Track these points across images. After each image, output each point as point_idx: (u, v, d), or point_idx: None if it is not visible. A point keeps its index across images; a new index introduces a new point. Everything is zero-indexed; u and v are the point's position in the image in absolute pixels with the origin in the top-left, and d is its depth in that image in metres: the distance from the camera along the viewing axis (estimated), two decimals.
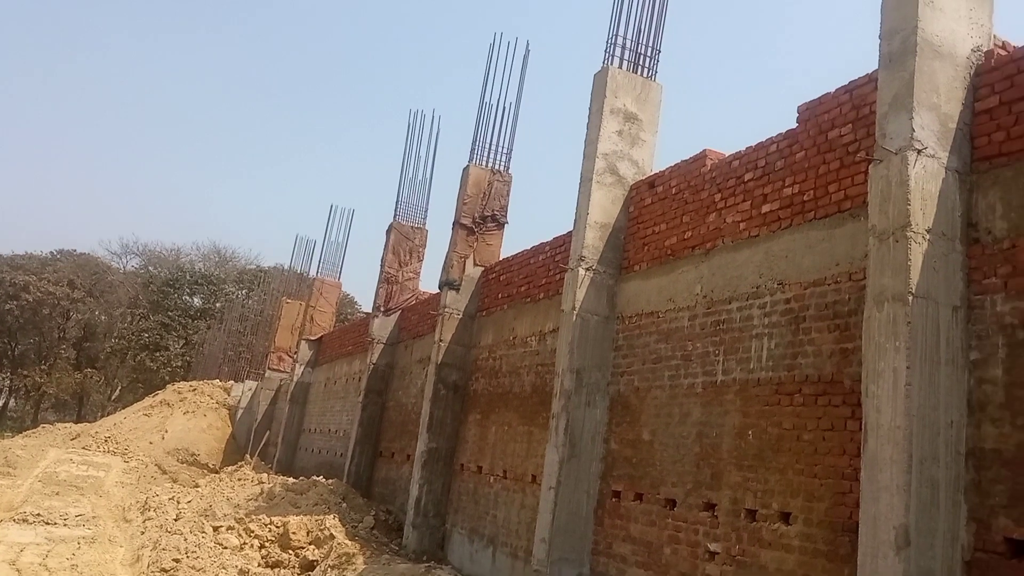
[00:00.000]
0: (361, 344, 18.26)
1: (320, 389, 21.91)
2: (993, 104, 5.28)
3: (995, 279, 5.00)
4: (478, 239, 13.05)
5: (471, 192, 13.06)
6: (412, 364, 15.20)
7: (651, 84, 9.77)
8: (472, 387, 12.40)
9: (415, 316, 15.64)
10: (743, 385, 6.84)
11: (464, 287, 12.87)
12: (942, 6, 5.44)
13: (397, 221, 16.50)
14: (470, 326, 12.79)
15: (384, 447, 15.71)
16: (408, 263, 16.34)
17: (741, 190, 7.47)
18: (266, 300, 33.32)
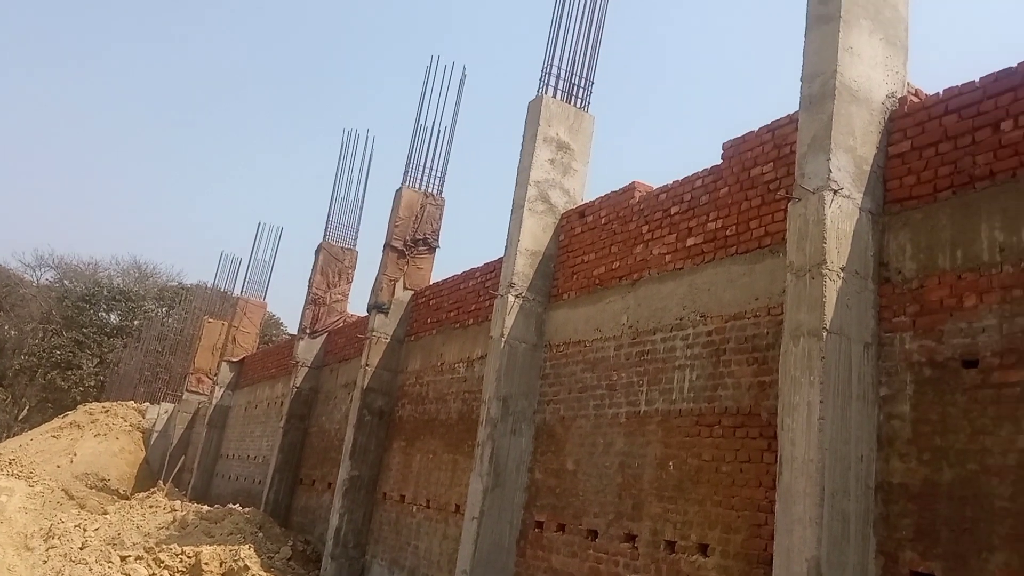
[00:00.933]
0: (285, 367, 17.82)
1: (240, 413, 21.27)
2: (905, 149, 5.51)
3: (904, 317, 5.18)
4: (409, 262, 12.94)
5: (403, 215, 12.96)
6: (337, 388, 14.90)
7: (584, 115, 9.90)
8: (398, 413, 12.22)
9: (342, 339, 15.36)
10: (665, 416, 6.90)
11: (393, 311, 12.71)
12: (860, 52, 5.67)
13: (327, 241, 16.25)
14: (398, 351, 12.63)
15: (305, 474, 15.31)
16: (337, 285, 16.07)
17: (667, 223, 7.60)
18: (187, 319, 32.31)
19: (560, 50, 9.87)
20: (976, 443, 4.63)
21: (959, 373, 4.81)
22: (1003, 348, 4.63)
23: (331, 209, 16.40)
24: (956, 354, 4.85)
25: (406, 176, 13.23)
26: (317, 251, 16.33)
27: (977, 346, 4.76)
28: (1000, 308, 4.70)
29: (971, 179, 5.04)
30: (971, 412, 4.69)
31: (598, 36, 10.03)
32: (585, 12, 10.00)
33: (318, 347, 16.00)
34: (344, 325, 15.76)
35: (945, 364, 4.90)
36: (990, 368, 4.67)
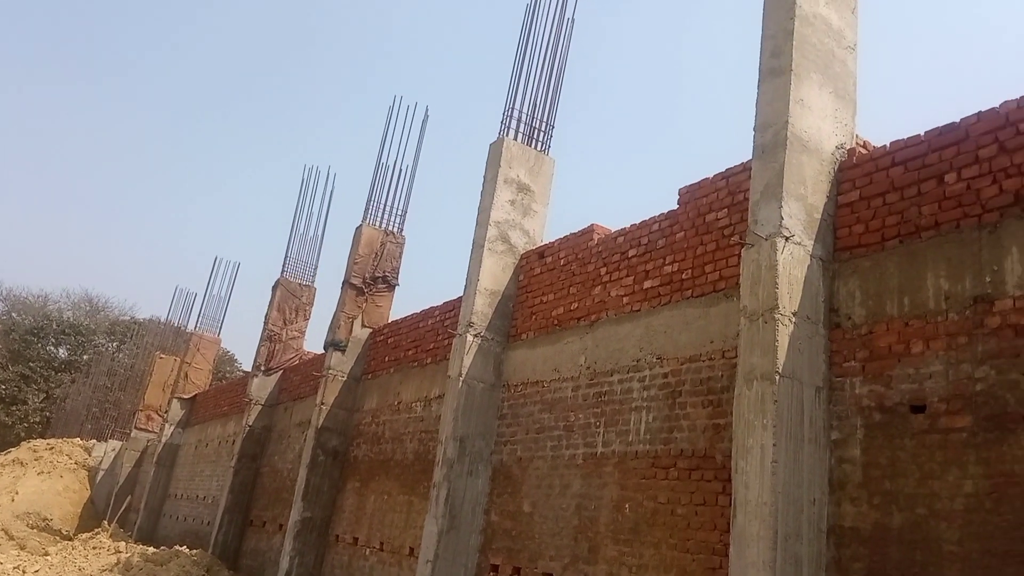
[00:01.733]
0: (238, 405, 17.47)
1: (190, 452, 20.74)
2: (854, 198, 5.67)
3: (854, 363, 5.28)
4: (368, 300, 12.86)
5: (363, 252, 12.91)
6: (291, 427, 14.63)
7: (544, 157, 10.02)
8: (353, 453, 12.02)
9: (297, 377, 15.13)
10: (622, 458, 6.90)
11: (351, 349, 12.59)
12: (811, 104, 5.85)
13: (284, 277, 16.09)
14: (354, 389, 12.47)
15: (255, 515, 14.93)
16: (293, 321, 15.88)
17: (625, 265, 7.68)
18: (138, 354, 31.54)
19: (522, 94, 10.03)
20: (925, 487, 4.71)
21: (907, 418, 4.91)
22: (949, 394, 4.74)
23: (290, 245, 16.28)
24: (904, 399, 4.95)
25: (366, 213, 13.22)
26: (274, 287, 16.15)
27: (924, 392, 4.87)
28: (946, 355, 4.82)
29: (917, 229, 5.20)
30: (919, 457, 4.78)
31: (559, 81, 10.21)
32: (547, 57, 10.20)
33: (272, 385, 15.73)
34: (300, 362, 15.54)
35: (894, 409, 4.99)
36: (937, 413, 4.77)
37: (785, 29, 5.91)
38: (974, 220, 4.91)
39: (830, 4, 6.21)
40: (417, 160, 13.44)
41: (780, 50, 5.90)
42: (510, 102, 10.00)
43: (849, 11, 6.37)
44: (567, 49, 10.32)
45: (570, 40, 10.34)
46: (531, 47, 10.18)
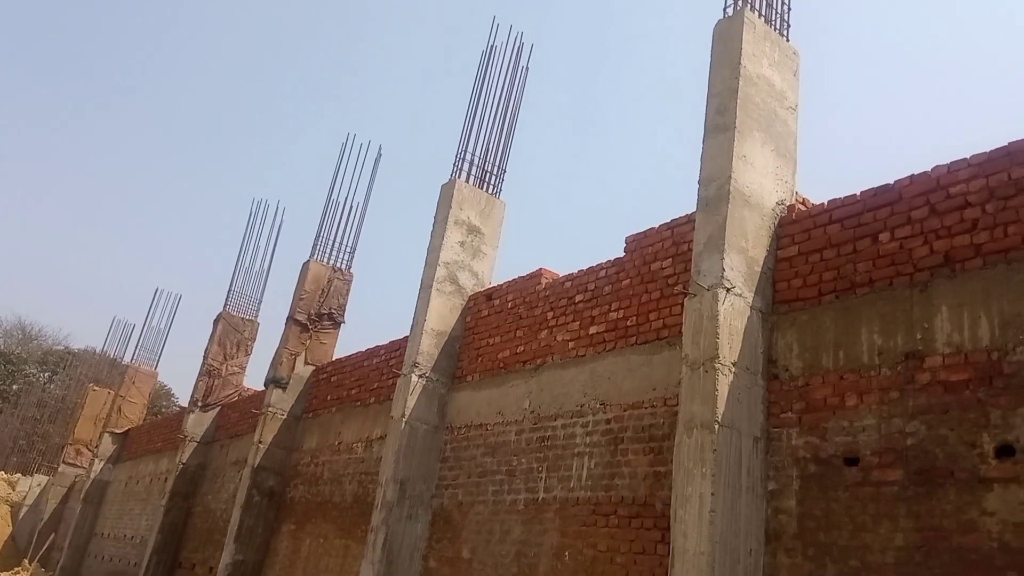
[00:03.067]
0: (172, 441, 16.93)
1: (120, 488, 19.98)
2: (793, 253, 5.83)
3: (791, 414, 5.38)
4: (312, 337, 12.67)
5: (309, 288, 12.76)
6: (226, 466, 14.22)
7: (495, 200, 10.10)
8: (289, 494, 11.72)
9: (235, 414, 14.76)
10: (563, 504, 6.87)
11: (292, 386, 12.35)
12: (753, 161, 6.03)
13: (227, 311, 15.77)
14: (294, 428, 12.21)
15: (185, 557, 14.39)
16: (234, 356, 15.54)
17: (572, 310, 7.74)
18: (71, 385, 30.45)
19: (475, 137, 10.13)
20: (857, 540, 4.79)
21: (841, 470, 5.01)
22: (882, 448, 4.85)
23: (234, 278, 15.99)
24: (839, 452, 5.05)
25: (315, 249, 13.10)
26: (216, 320, 15.81)
27: (858, 445, 4.97)
28: (879, 409, 4.95)
29: (852, 285, 5.36)
30: (853, 509, 4.87)
31: (512, 127, 10.35)
32: (500, 103, 10.34)
33: (209, 421, 15.31)
34: (239, 399, 15.17)
35: (829, 461, 5.09)
36: (870, 467, 4.87)
37: (730, 88, 6.11)
38: (906, 279, 5.09)
39: (773, 66, 6.45)
40: (368, 198, 13.42)
41: (725, 108, 6.09)
42: (463, 145, 10.09)
43: (791, 74, 6.63)
44: (521, 96, 10.49)
45: (524, 88, 10.52)
46: (485, 92, 10.33)
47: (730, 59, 6.25)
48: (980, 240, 4.81)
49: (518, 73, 10.49)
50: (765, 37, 6.49)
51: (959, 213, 4.96)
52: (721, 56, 6.35)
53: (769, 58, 6.45)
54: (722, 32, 6.46)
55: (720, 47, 6.41)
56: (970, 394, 4.56)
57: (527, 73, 10.55)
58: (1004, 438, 4.35)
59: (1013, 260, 4.63)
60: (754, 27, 6.41)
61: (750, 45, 6.29)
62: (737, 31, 6.30)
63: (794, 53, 6.75)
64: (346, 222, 13.25)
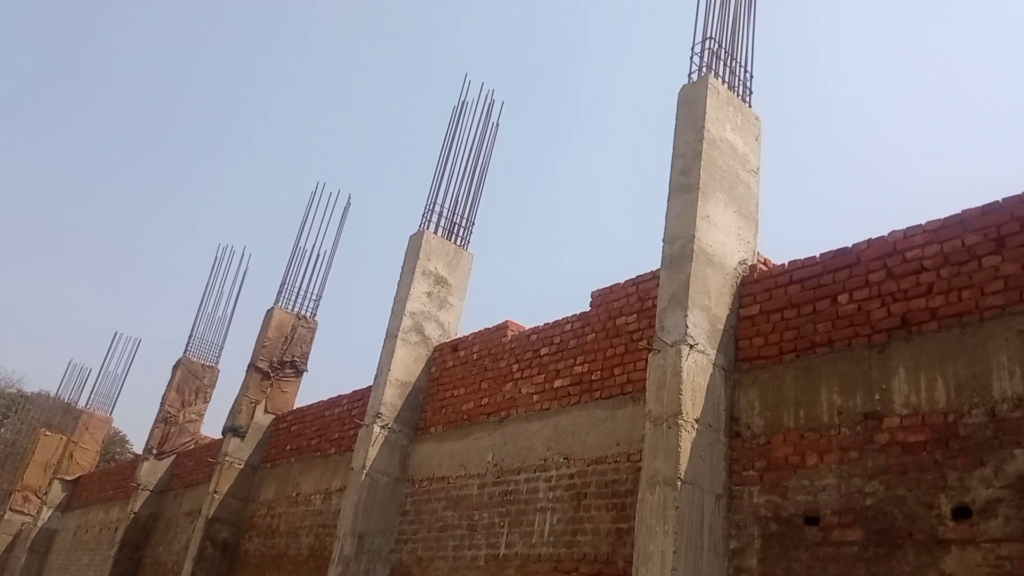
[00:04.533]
0: (124, 489, 16.42)
1: (68, 538, 19.25)
2: (755, 312, 5.93)
3: (752, 472, 5.41)
4: (273, 385, 12.48)
5: (272, 335, 12.61)
6: (180, 516, 13.81)
7: (463, 252, 10.15)
8: (244, 547, 11.40)
9: (191, 462, 14.40)
10: (524, 560, 6.78)
11: (251, 435, 12.10)
12: (716, 221, 6.17)
13: (187, 357, 15.48)
14: (251, 478, 11.94)
15: None
16: (193, 403, 15.22)
17: (537, 363, 7.75)
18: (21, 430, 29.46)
19: (444, 189, 10.22)
20: None
21: (802, 529, 5.02)
22: (841, 507, 4.89)
23: (196, 324, 15.73)
24: (799, 511, 5.08)
25: (279, 296, 12.98)
26: (175, 366, 15.51)
27: (818, 504, 5.01)
28: (839, 468, 5.00)
29: (812, 345, 5.46)
30: (813, 569, 4.87)
31: (482, 180, 10.47)
32: (470, 157, 10.47)
33: (164, 470, 14.90)
34: (196, 447, 14.81)
35: (790, 520, 5.10)
36: (830, 526, 4.90)
37: (694, 150, 6.28)
38: (865, 340, 5.20)
39: (736, 130, 6.65)
40: (336, 246, 13.39)
41: (689, 169, 6.25)
42: (432, 196, 10.18)
43: (753, 138, 6.83)
44: (491, 151, 10.64)
45: (494, 143, 10.68)
46: (456, 146, 10.46)
47: (694, 122, 6.43)
48: (935, 304, 4.94)
49: (488, 128, 10.67)
50: (728, 102, 6.70)
51: (915, 277, 5.11)
52: (686, 119, 6.54)
53: (732, 122, 6.65)
54: (687, 96, 6.66)
55: (685, 111, 6.59)
56: (927, 455, 4.63)
57: (497, 129, 10.73)
58: (961, 500, 4.42)
59: (967, 324, 4.75)
60: (718, 92, 6.61)
61: (714, 110, 6.48)
62: (701, 96, 6.50)
63: (756, 118, 6.97)
64: (313, 270, 13.18)
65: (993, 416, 4.44)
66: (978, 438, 4.46)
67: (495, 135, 10.69)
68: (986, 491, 4.33)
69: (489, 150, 10.61)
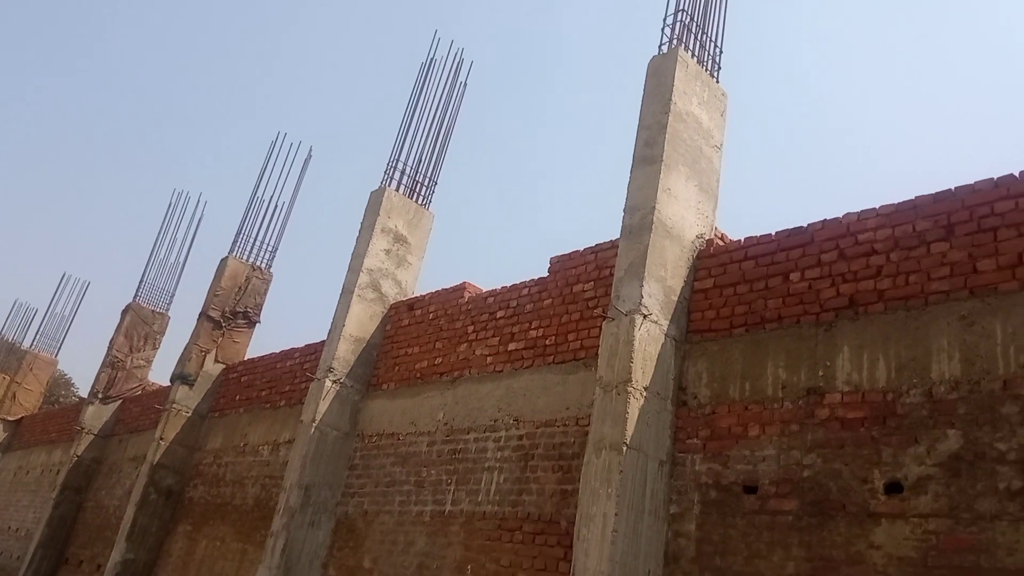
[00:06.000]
0: (68, 432, 16.17)
1: (8, 478, 18.94)
2: (708, 285, 6.03)
3: (696, 440, 5.54)
4: (225, 335, 12.35)
5: (225, 285, 12.44)
6: (124, 461, 13.68)
7: (424, 211, 10.09)
8: (188, 494, 11.36)
9: (137, 408, 14.23)
10: (469, 517, 6.88)
11: (200, 383, 11.99)
12: (677, 194, 6.22)
13: (137, 302, 15.20)
14: (198, 426, 11.85)
15: (73, 553, 13.75)
16: (141, 349, 14.99)
17: (492, 326, 7.78)
18: None
19: (408, 147, 10.12)
20: (751, 566, 4.95)
21: (740, 498, 5.18)
22: (779, 478, 5.04)
23: (147, 269, 15.43)
24: (739, 479, 5.23)
25: (235, 245, 12.79)
26: (124, 311, 15.22)
27: (757, 474, 5.16)
28: (779, 440, 5.15)
29: (762, 320, 5.58)
30: (749, 536, 5.04)
31: (446, 139, 10.38)
32: (436, 115, 10.36)
33: (109, 414, 14.71)
34: (143, 393, 14.63)
35: (729, 488, 5.25)
36: (767, 495, 5.06)
37: (660, 122, 6.30)
38: (813, 317, 5.32)
39: (702, 105, 6.69)
40: (295, 198, 13.20)
41: (654, 141, 6.27)
42: (396, 154, 10.07)
43: (719, 114, 6.88)
44: (457, 111, 10.53)
45: (461, 102, 10.57)
46: (422, 104, 10.34)
47: (662, 95, 6.44)
48: (883, 286, 5.08)
49: (456, 87, 10.55)
50: (696, 76, 6.73)
51: (865, 259, 5.23)
52: (653, 91, 6.54)
53: (699, 97, 6.68)
54: (656, 68, 6.66)
55: (653, 82, 6.60)
56: (865, 432, 4.79)
57: (465, 88, 10.62)
58: (894, 475, 4.59)
59: (912, 307, 4.90)
60: (686, 66, 6.63)
61: (682, 83, 6.50)
62: (670, 68, 6.51)
63: (723, 94, 7.01)
64: (270, 220, 13.00)
65: (930, 397, 4.61)
66: (914, 417, 4.62)
67: (463, 95, 10.59)
68: (918, 468, 4.50)
69: (456, 110, 10.52)
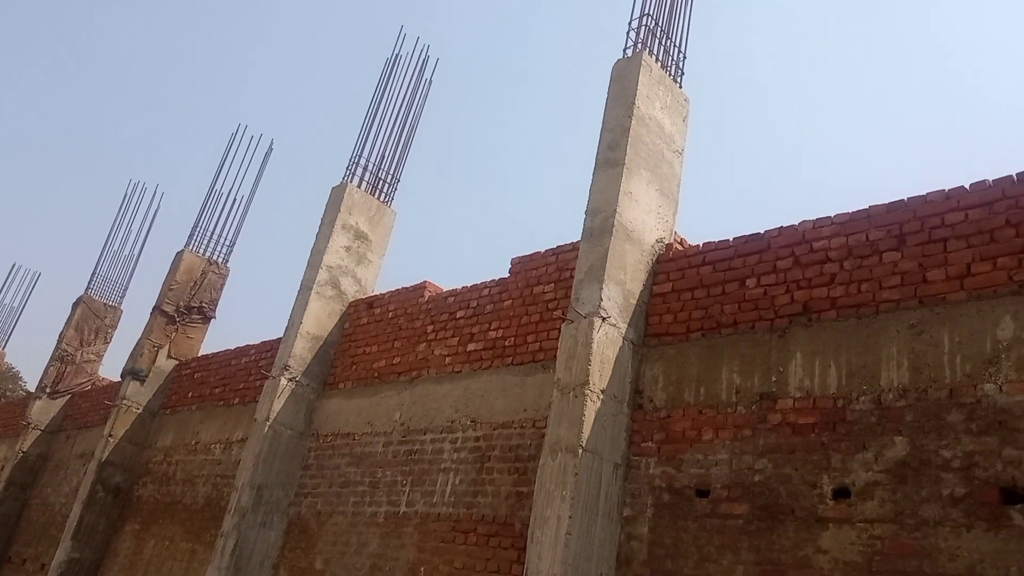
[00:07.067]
0: (14, 427, 15.71)
1: None
2: (667, 289, 6.07)
3: (651, 443, 5.57)
4: (178, 330, 12.10)
5: (180, 279, 12.20)
6: (72, 458, 13.34)
7: (386, 209, 10.01)
8: (137, 492, 11.11)
9: (87, 404, 13.89)
10: (424, 519, 6.83)
11: (151, 379, 11.75)
12: (638, 198, 6.25)
13: (89, 295, 14.84)
14: (149, 423, 11.61)
15: (16, 552, 13.36)
16: (92, 343, 14.63)
17: (452, 326, 7.74)
18: None
19: (371, 143, 10.03)
20: (701, 569, 4.99)
21: (693, 501, 5.21)
22: (731, 482, 5.09)
23: (100, 261, 15.06)
24: (692, 483, 5.26)
25: (191, 239, 12.55)
26: (76, 304, 14.84)
27: (710, 477, 5.20)
28: (732, 444, 5.19)
29: (718, 325, 5.63)
30: (700, 539, 5.07)
31: (410, 137, 10.31)
32: (401, 112, 10.29)
33: (57, 410, 14.33)
34: (92, 388, 14.29)
35: (682, 491, 5.29)
36: (719, 499, 5.10)
37: (623, 126, 6.33)
38: (767, 323, 5.38)
39: (665, 109, 6.73)
40: (254, 192, 12.99)
41: (616, 144, 6.30)
42: (359, 149, 9.97)
43: (680, 119, 6.93)
44: (422, 108, 10.47)
45: (425, 100, 10.51)
46: (386, 100, 10.26)
47: (625, 98, 6.47)
48: (836, 294, 5.15)
49: (421, 85, 10.49)
50: (660, 81, 6.77)
51: (820, 267, 5.30)
52: (617, 94, 6.57)
53: (662, 101, 6.72)
54: (620, 71, 6.69)
55: (617, 86, 6.63)
56: (815, 437, 4.86)
57: (430, 86, 10.57)
58: (842, 481, 4.65)
59: (863, 315, 4.98)
60: (650, 70, 6.67)
61: (645, 87, 6.53)
62: (634, 72, 6.54)
63: (685, 100, 7.07)
64: (228, 214, 12.77)
65: (879, 404, 4.68)
66: (863, 424, 4.70)
67: (427, 92, 10.53)
68: (866, 474, 4.57)
69: (420, 107, 10.46)
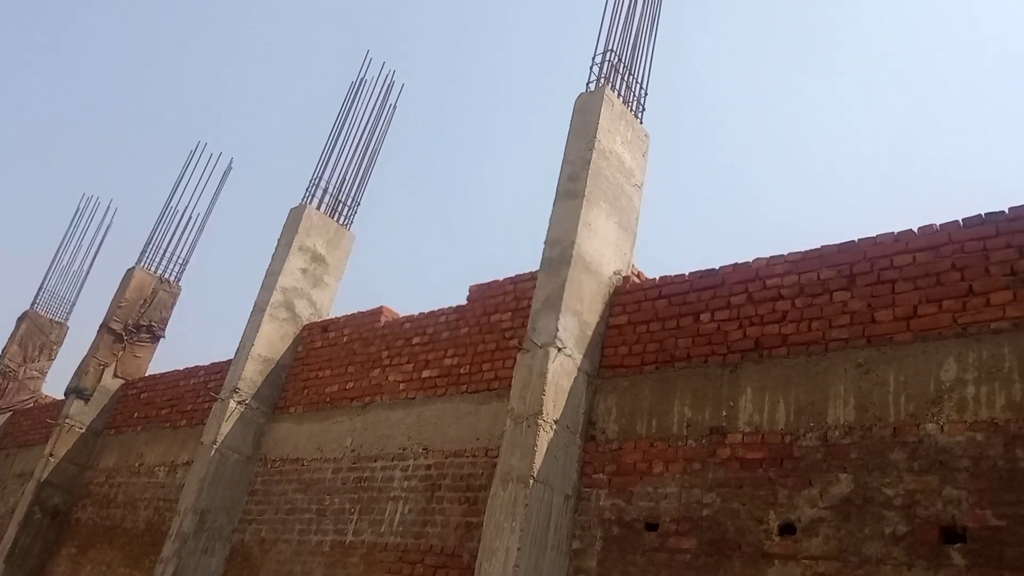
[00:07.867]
0: None
1: None
2: (623, 322, 6.10)
3: (602, 475, 5.56)
4: (126, 348, 11.81)
5: (130, 296, 11.94)
6: (10, 477, 12.87)
7: (345, 232, 9.95)
8: (76, 515, 10.75)
9: (28, 421, 13.45)
10: (371, 548, 6.70)
11: (96, 399, 11.42)
12: (597, 230, 6.30)
13: (34, 310, 14.44)
14: (92, 444, 11.26)
15: None
16: (35, 359, 14.21)
17: (408, 352, 7.68)
18: None
19: (333, 165, 9.97)
20: None
21: (642, 534, 5.20)
22: (680, 515, 5.10)
23: (48, 276, 14.69)
24: (641, 516, 5.26)
25: (143, 256, 12.29)
26: (20, 319, 14.42)
27: (659, 511, 5.20)
28: (682, 478, 5.21)
29: (672, 358, 5.67)
30: (647, 573, 5.05)
31: (372, 161, 10.28)
32: (364, 136, 10.26)
33: None
34: (35, 406, 13.85)
35: (631, 524, 5.28)
36: (668, 533, 5.10)
37: (583, 158, 6.39)
38: (720, 358, 5.44)
39: (625, 144, 6.83)
40: (211, 210, 12.80)
41: (577, 176, 6.36)
42: (319, 171, 9.92)
43: (640, 154, 7.03)
44: (385, 132, 10.46)
45: (389, 125, 10.51)
46: (349, 123, 10.22)
47: (587, 131, 6.55)
48: (787, 331, 5.23)
49: (385, 109, 10.49)
50: (621, 116, 6.87)
51: (772, 304, 5.39)
52: (579, 127, 6.65)
53: (623, 136, 6.82)
54: (582, 105, 6.78)
55: (579, 119, 6.71)
56: (763, 472, 4.89)
57: (394, 111, 10.57)
58: (788, 517, 4.69)
59: (813, 353, 5.06)
60: (612, 105, 6.77)
61: (607, 121, 6.62)
62: (596, 106, 6.63)
63: (645, 135, 7.18)
64: (183, 232, 12.54)
65: (825, 441, 4.75)
66: (809, 460, 4.75)
67: (391, 117, 10.53)
68: (811, 510, 4.61)
69: (384, 131, 10.44)
